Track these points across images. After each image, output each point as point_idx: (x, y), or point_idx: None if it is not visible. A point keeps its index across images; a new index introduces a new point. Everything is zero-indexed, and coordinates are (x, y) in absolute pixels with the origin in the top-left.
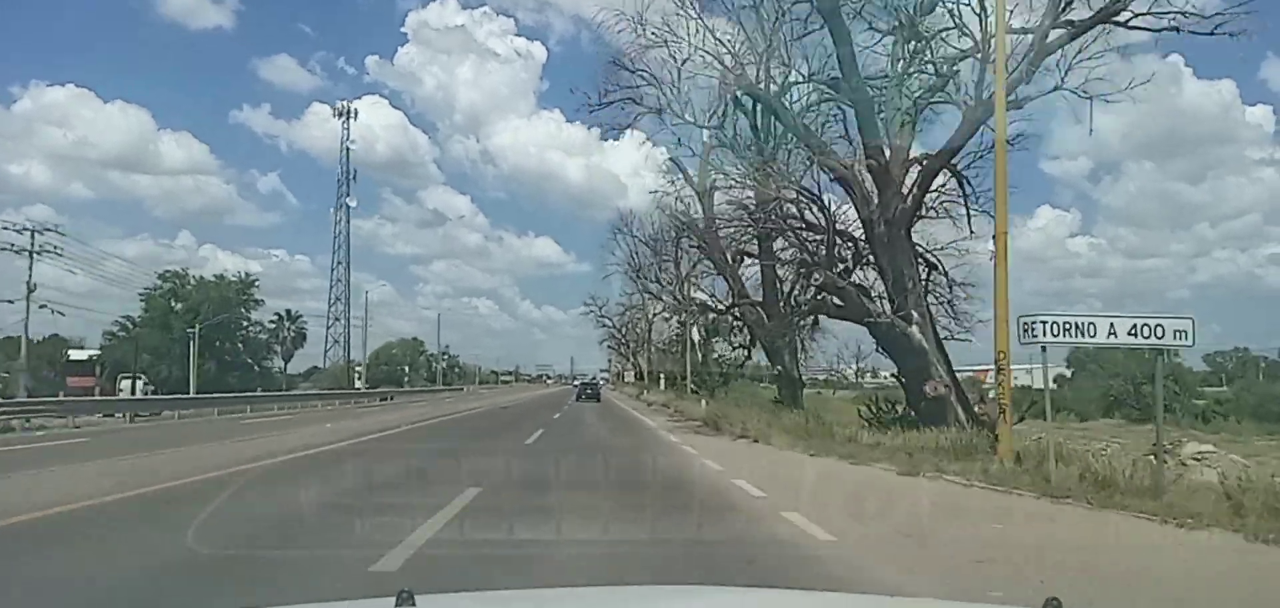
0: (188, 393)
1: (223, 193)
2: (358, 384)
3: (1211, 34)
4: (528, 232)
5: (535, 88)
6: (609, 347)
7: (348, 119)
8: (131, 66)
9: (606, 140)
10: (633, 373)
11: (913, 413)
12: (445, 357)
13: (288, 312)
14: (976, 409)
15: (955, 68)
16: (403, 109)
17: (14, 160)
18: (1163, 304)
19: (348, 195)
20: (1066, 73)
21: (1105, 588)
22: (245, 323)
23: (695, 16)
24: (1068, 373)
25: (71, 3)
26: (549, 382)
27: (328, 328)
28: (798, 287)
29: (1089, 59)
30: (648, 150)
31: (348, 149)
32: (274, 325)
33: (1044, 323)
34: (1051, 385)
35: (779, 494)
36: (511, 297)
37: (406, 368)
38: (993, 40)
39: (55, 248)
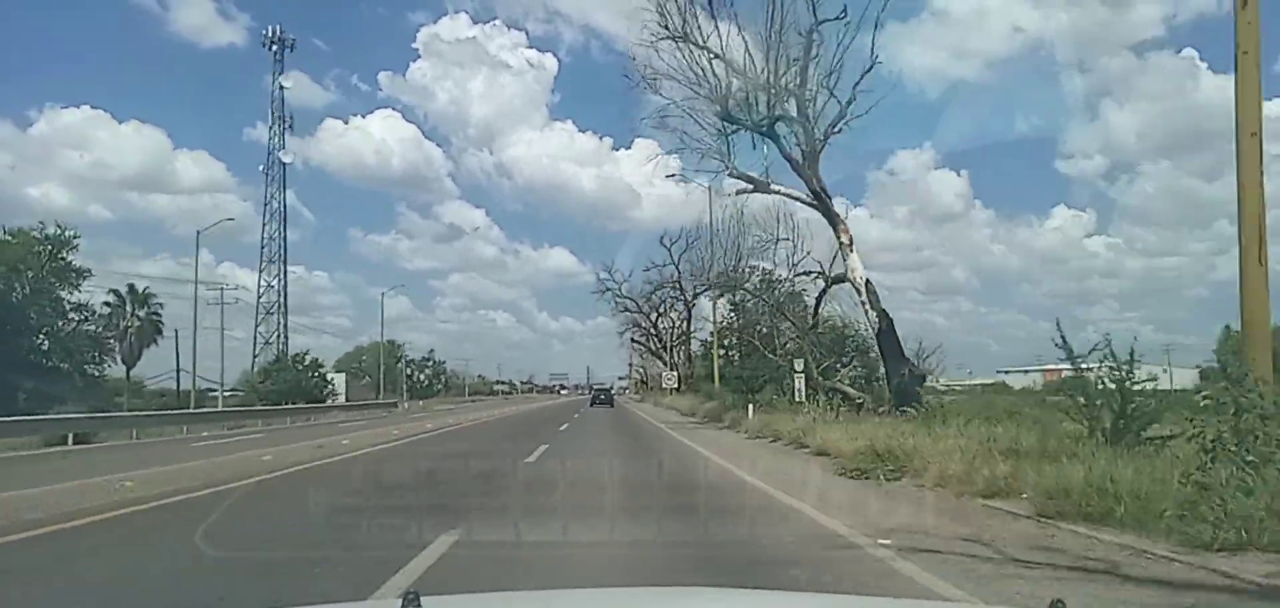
0: None
1: (240, 210)
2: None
3: None
4: (544, 243)
5: (547, 99)
6: (634, 340)
7: (281, 51)
8: (145, 87)
9: (619, 150)
10: (675, 377)
11: None
12: (430, 363)
13: (129, 289)
14: None
15: None
16: (416, 123)
17: (33, 183)
18: (1181, 303)
19: (282, 149)
20: None
21: None
22: (67, 308)
23: None
24: (1217, 367)
25: (81, 24)
26: (563, 392)
27: (256, 325)
28: None
29: None
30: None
31: (281, 87)
32: (110, 311)
33: None
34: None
35: None
36: (530, 308)
37: (329, 379)
38: None
39: None
